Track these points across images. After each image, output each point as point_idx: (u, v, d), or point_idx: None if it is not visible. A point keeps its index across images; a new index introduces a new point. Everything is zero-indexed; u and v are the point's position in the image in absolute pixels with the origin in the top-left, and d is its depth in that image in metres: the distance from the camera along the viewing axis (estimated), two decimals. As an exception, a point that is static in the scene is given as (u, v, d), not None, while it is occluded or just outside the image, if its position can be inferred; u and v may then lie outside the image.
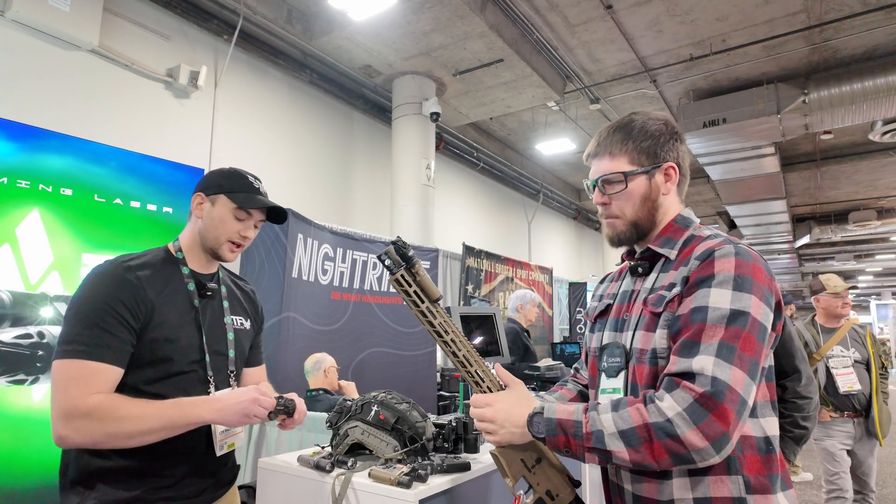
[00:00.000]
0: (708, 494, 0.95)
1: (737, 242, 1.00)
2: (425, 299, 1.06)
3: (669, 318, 1.00)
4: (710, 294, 0.94)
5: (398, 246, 1.05)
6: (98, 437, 1.13)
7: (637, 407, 0.92)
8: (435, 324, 1.06)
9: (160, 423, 1.15)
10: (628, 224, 1.11)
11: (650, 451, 0.88)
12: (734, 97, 6.51)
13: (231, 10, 4.73)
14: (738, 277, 0.94)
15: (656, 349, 1.01)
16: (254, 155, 5.10)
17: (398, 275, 1.05)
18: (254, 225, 1.39)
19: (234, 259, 1.40)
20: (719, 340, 0.90)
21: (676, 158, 1.11)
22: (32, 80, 3.66)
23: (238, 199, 1.33)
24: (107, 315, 1.17)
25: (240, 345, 1.43)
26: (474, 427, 1.59)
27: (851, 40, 5.77)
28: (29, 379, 2.41)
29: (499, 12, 5.20)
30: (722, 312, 0.92)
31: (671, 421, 0.87)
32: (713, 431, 0.85)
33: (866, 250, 15.73)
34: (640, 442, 0.89)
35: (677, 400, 0.88)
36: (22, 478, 2.36)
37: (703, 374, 0.88)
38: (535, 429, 0.99)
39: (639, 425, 0.89)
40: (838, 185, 10.38)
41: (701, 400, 0.86)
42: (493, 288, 6.57)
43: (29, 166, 2.49)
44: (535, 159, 9.49)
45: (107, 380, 1.16)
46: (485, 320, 2.94)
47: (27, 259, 2.46)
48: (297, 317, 3.59)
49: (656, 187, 1.10)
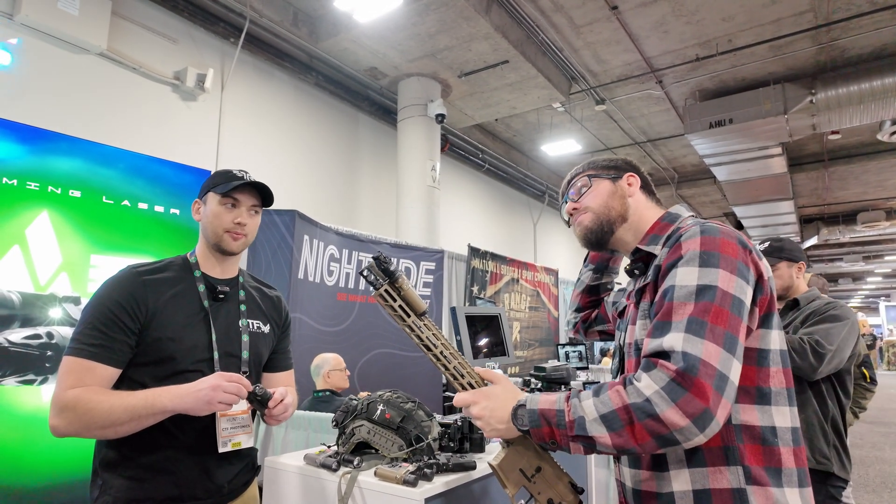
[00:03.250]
0: (707, 485, 0.93)
1: (705, 222, 1.00)
2: (411, 313, 1.05)
3: (647, 308, 1.01)
4: (677, 274, 0.94)
5: (380, 261, 1.04)
6: (77, 427, 1.19)
7: (616, 389, 0.90)
8: (423, 337, 1.05)
9: (127, 415, 1.18)
10: (593, 215, 1.15)
11: (632, 434, 0.86)
12: (741, 97, 6.48)
13: (237, 13, 4.76)
14: (704, 254, 0.93)
15: (637, 340, 1.02)
16: (260, 157, 5.13)
17: (381, 290, 1.03)
18: (248, 211, 1.42)
19: (238, 249, 1.42)
20: (688, 317, 0.89)
21: (638, 174, 1.19)
22: (42, 83, 3.70)
23: (220, 189, 1.39)
24: (104, 317, 1.25)
25: (255, 348, 1.44)
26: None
27: (859, 40, 5.74)
28: (38, 379, 2.43)
29: (504, 14, 5.20)
30: (689, 289, 0.91)
31: (650, 400, 0.85)
32: (692, 409, 0.83)
33: (875, 251, 15.61)
34: (621, 425, 0.86)
35: (654, 379, 0.86)
36: (31, 477, 2.38)
37: (674, 350, 0.87)
38: (519, 422, 0.97)
39: (619, 407, 0.87)
40: (846, 185, 10.31)
41: (677, 378, 0.84)
42: (499, 289, 6.56)
43: (38, 168, 2.51)
44: (541, 160, 9.48)
45: (100, 377, 1.22)
46: (490, 321, 2.93)
47: (37, 260, 2.48)
48: (304, 318, 3.60)
49: (621, 187, 1.16)
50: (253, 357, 1.43)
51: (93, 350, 1.22)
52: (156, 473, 1.27)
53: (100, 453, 1.30)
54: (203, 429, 1.30)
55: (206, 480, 1.32)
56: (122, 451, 1.27)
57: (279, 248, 3.52)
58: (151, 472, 1.27)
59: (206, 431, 1.30)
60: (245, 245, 1.44)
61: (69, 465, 2.46)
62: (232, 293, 1.44)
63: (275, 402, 1.32)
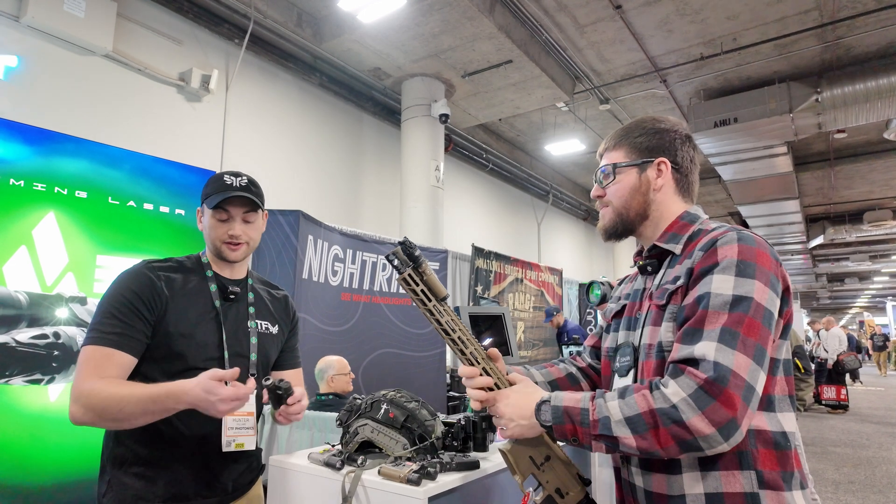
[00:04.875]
0: (719, 489, 0.94)
1: (740, 229, 1.00)
2: (432, 298, 1.07)
3: (675, 311, 1.00)
4: (713, 280, 0.94)
5: (405, 246, 1.07)
6: (93, 417, 1.19)
7: (643, 393, 0.91)
8: (442, 322, 1.07)
9: (141, 407, 1.17)
10: (613, 213, 1.15)
11: (656, 438, 0.88)
12: (745, 96, 6.45)
13: (242, 15, 4.77)
14: (741, 263, 0.93)
15: (662, 342, 1.01)
16: (264, 157, 5.14)
17: (405, 274, 1.06)
18: (241, 221, 1.40)
19: (238, 258, 1.42)
20: (721, 326, 0.89)
21: (674, 156, 1.12)
22: (48, 84, 3.72)
23: (210, 203, 1.39)
24: (122, 306, 1.27)
25: (263, 348, 1.46)
26: (483, 425, 1.59)
27: (865, 38, 5.71)
28: (45, 379, 2.45)
29: (507, 13, 5.20)
30: (724, 298, 0.91)
31: (676, 407, 0.86)
32: (719, 417, 0.84)
33: (882, 251, 15.50)
34: (646, 428, 0.88)
35: (682, 386, 0.88)
36: (38, 476, 2.40)
37: (706, 359, 0.87)
38: (542, 417, 0.98)
39: (644, 411, 0.89)
40: (853, 184, 10.25)
41: (706, 386, 0.86)
42: (503, 289, 6.56)
43: (45, 169, 2.53)
44: (545, 160, 9.47)
45: (118, 364, 1.23)
46: (494, 320, 2.94)
47: (43, 261, 2.50)
48: (308, 318, 3.61)
49: (646, 181, 1.12)
50: (261, 359, 1.44)
51: (112, 338, 1.23)
52: (163, 471, 1.28)
53: (108, 450, 1.31)
54: (210, 428, 1.31)
55: (212, 478, 1.33)
56: (130, 448, 1.28)
57: (283, 249, 3.53)
58: (159, 469, 1.28)
59: (212, 430, 1.31)
60: (247, 252, 1.44)
61: (76, 464, 2.48)
62: (242, 294, 1.46)
63: (294, 400, 1.33)
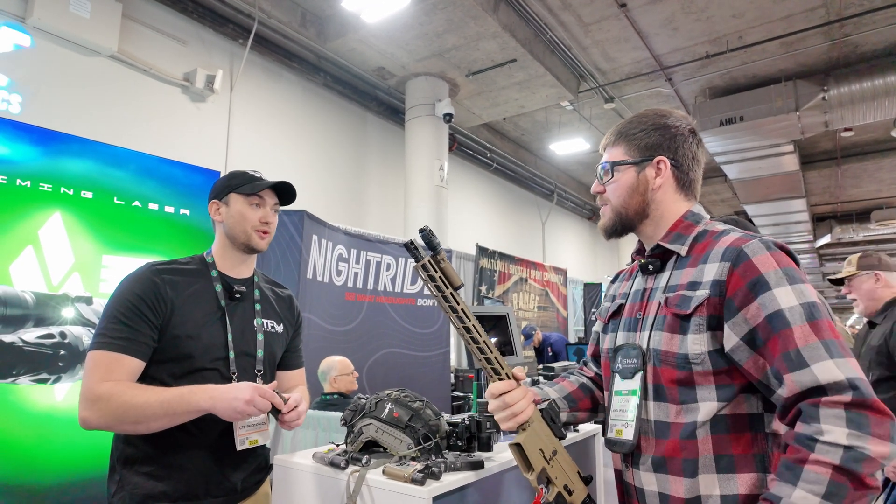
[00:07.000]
0: (736, 491, 0.92)
1: (759, 236, 0.99)
2: (449, 286, 1.09)
3: (701, 322, 0.97)
4: (776, 296, 0.91)
5: (425, 234, 1.09)
6: (109, 421, 1.20)
7: (812, 459, 0.82)
8: (458, 309, 1.08)
9: (162, 410, 1.19)
10: (612, 212, 1.13)
11: (859, 487, 0.80)
12: (751, 95, 6.41)
13: (246, 15, 4.78)
14: (786, 271, 0.92)
15: (688, 355, 0.97)
16: (269, 157, 5.15)
17: (425, 260, 1.08)
18: (271, 210, 1.47)
19: (266, 246, 1.46)
20: (819, 340, 0.87)
21: (674, 154, 1.09)
22: (53, 85, 3.74)
23: (245, 190, 1.43)
24: (128, 311, 1.27)
25: (269, 347, 1.46)
26: (488, 425, 1.59)
27: (872, 35, 5.67)
28: (51, 378, 2.46)
29: (511, 12, 5.19)
30: (798, 311, 0.89)
31: (852, 448, 0.80)
32: (884, 430, 0.80)
33: (890, 250, 15.39)
34: (846, 488, 0.79)
35: (834, 423, 0.82)
36: (45, 475, 2.41)
37: (837, 381, 0.83)
38: None
39: (832, 475, 0.80)
40: (860, 183, 10.18)
41: (853, 407, 0.82)
42: (507, 289, 6.56)
43: (51, 170, 2.54)
44: (549, 159, 9.45)
45: (127, 369, 1.24)
46: (499, 320, 2.93)
47: (49, 261, 2.51)
48: (313, 317, 3.62)
49: (644, 181, 1.10)
50: (267, 356, 1.45)
51: (120, 343, 1.24)
52: (173, 471, 1.28)
53: (118, 450, 1.32)
54: (221, 429, 1.31)
55: (222, 478, 1.33)
56: (140, 448, 1.28)
57: (288, 248, 3.54)
58: (169, 469, 1.28)
59: (223, 431, 1.32)
60: (268, 243, 1.48)
61: (83, 463, 2.49)
62: (247, 293, 1.46)
63: (287, 409, 1.33)
